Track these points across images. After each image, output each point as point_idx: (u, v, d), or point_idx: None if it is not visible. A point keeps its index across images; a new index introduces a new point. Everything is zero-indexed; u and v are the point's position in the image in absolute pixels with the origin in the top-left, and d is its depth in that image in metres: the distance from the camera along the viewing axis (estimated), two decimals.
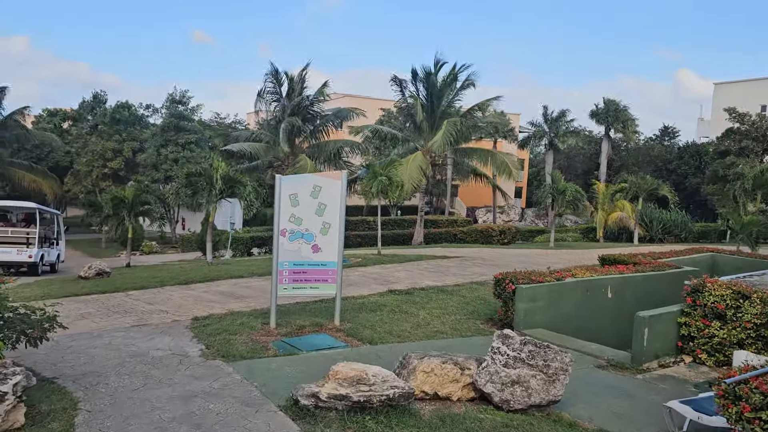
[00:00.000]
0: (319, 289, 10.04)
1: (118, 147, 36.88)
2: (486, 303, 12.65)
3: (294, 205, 9.73)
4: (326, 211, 9.86)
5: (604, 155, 47.11)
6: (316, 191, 9.81)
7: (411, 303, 12.19)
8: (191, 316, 10.47)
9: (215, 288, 13.38)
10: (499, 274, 11.13)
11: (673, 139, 61.89)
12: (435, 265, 18.13)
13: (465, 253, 21.82)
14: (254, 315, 10.54)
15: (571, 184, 26.90)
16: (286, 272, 9.79)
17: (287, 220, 9.70)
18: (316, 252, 9.88)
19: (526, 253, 22.17)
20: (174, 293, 12.72)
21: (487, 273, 16.76)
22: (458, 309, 11.94)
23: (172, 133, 35.23)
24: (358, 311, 11.19)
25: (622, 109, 46.52)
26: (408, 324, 10.48)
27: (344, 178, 9.94)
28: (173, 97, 36.46)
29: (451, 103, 27.79)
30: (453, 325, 10.71)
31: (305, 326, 9.83)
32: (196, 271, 16.02)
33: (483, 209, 51.91)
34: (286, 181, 9.82)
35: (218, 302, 11.81)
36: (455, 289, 13.92)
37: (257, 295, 12.65)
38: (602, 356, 9.45)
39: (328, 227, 9.90)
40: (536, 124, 47.06)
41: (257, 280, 14.59)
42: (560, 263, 19.15)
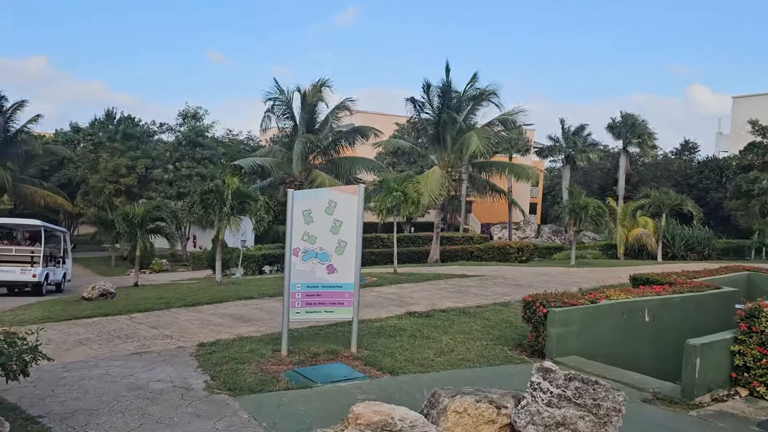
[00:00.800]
0: (334, 313, 9.27)
1: (132, 163, 36.51)
2: (512, 326, 11.81)
3: (308, 222, 9.00)
4: (342, 229, 9.12)
5: (622, 170, 46.12)
6: (331, 207, 9.08)
7: (432, 327, 11.37)
8: (197, 342, 9.73)
9: (223, 310, 12.64)
10: (529, 297, 10.30)
11: (692, 154, 60.82)
12: (454, 284, 17.30)
13: (484, 271, 20.96)
14: (264, 341, 9.77)
15: (593, 200, 26.01)
16: (299, 295, 9.04)
17: (300, 239, 8.97)
18: (331, 273, 9.13)
19: (547, 272, 21.26)
20: (180, 316, 11.99)
21: (510, 293, 15.95)
22: (483, 333, 11.10)
23: (188, 148, 34.81)
24: (376, 336, 10.40)
25: (640, 122, 45.59)
26: (430, 351, 9.66)
27: (361, 193, 9.20)
28: (187, 113, 36.11)
29: (470, 113, 27.02)
30: (479, 351, 9.87)
31: (319, 354, 9.04)
32: (204, 292, 15.31)
33: (498, 226, 51.00)
34: (300, 196, 9.10)
35: (226, 326, 11.06)
36: (478, 311, 13.08)
37: (268, 318, 11.89)
38: (647, 388, 8.56)
39: (345, 246, 9.15)
40: (554, 138, 46.19)
41: (268, 301, 13.84)
42: (586, 283, 18.27)
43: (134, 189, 36.58)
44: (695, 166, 55.28)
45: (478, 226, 57.03)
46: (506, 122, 26.75)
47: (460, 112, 26.56)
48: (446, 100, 26.48)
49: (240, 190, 17.01)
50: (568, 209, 25.81)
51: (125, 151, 37.31)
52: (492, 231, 50.47)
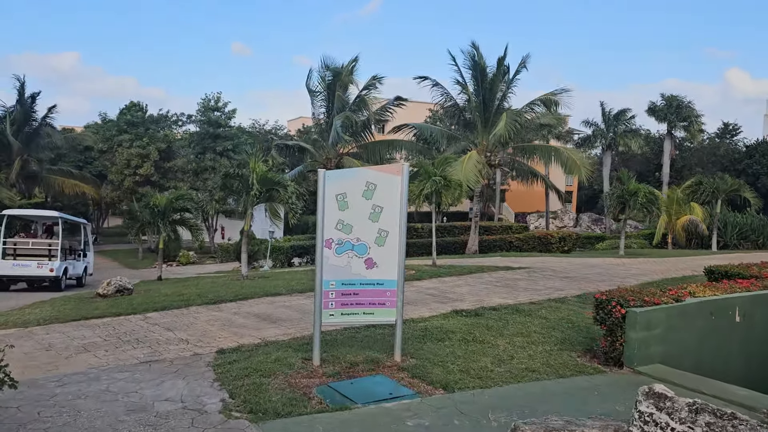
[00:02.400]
0: (374, 315, 7.88)
1: (144, 152, 35.57)
2: (575, 327, 10.29)
3: (342, 208, 7.61)
4: (383, 216, 7.71)
5: (667, 155, 43.77)
6: (369, 190, 7.67)
7: (484, 328, 9.91)
8: (216, 348, 8.44)
9: (248, 308, 11.37)
10: (603, 295, 8.76)
11: (734, 137, 57.85)
12: (499, 277, 15.80)
13: (529, 263, 19.37)
14: (293, 347, 8.44)
15: (643, 185, 24.13)
16: (333, 294, 7.67)
17: (333, 228, 7.59)
18: (370, 268, 7.74)
19: (597, 263, 19.58)
20: (199, 315, 10.75)
21: (564, 288, 14.41)
22: (544, 336, 9.61)
23: (209, 141, 33.76)
24: (421, 340, 8.99)
25: (685, 104, 43.11)
26: (487, 358, 8.21)
27: (406, 173, 7.77)
28: (207, 103, 34.96)
29: (506, 95, 25.22)
30: (544, 359, 8.39)
31: (357, 363, 7.67)
32: (228, 287, 14.08)
33: (534, 215, 49.13)
34: (333, 177, 7.70)
35: (250, 328, 9.77)
36: (532, 309, 11.57)
37: (297, 318, 10.57)
38: (759, 407, 6.98)
39: (386, 236, 7.75)
40: (593, 123, 44.01)
41: (297, 298, 12.54)
42: (644, 275, 16.61)
43: (153, 178, 35.64)
44: (742, 150, 52.52)
45: (511, 216, 55.17)
46: (548, 103, 24.90)
47: (494, 91, 24.78)
48: (480, 77, 24.70)
49: (267, 176, 15.71)
50: (616, 196, 23.99)
51: (134, 140, 36.37)
52: (528, 220, 48.59)
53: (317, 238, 7.62)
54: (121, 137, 37.19)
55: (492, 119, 24.79)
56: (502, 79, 24.75)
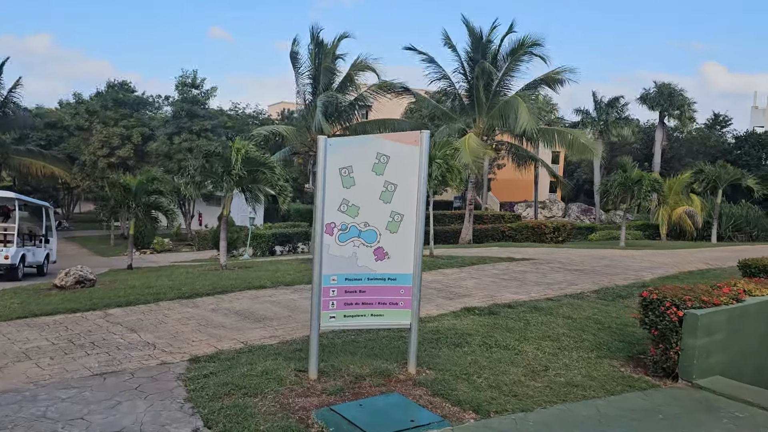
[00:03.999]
0: (384, 317, 6.42)
1: (126, 133, 33.52)
2: (606, 329, 8.96)
3: (347, 185, 6.13)
4: (397, 195, 6.25)
5: (658, 144, 42.87)
6: (381, 163, 6.20)
7: (504, 330, 8.53)
8: (189, 355, 6.93)
9: (228, 304, 9.84)
10: (653, 293, 7.37)
11: (725, 128, 57.30)
12: (504, 269, 14.45)
13: (531, 253, 18.07)
14: (284, 353, 6.96)
15: (647, 173, 22.93)
16: (335, 291, 6.21)
17: (336, 209, 6.11)
18: (380, 259, 6.28)
19: (605, 255, 18.35)
20: (171, 312, 9.20)
21: (577, 281, 13.12)
22: (574, 340, 8.25)
23: (185, 120, 31.85)
24: (435, 345, 7.58)
25: (678, 92, 42.16)
26: (517, 369, 6.82)
27: (426, 143, 6.30)
28: (184, 80, 32.94)
29: (507, 74, 23.68)
30: (583, 370, 7.02)
31: (364, 377, 6.22)
32: (205, 279, 12.52)
33: (522, 204, 48.03)
34: (336, 146, 6.19)
35: (231, 328, 8.27)
36: (552, 307, 10.22)
37: (285, 315, 9.09)
38: None
39: (400, 220, 6.29)
40: (584, 111, 42.84)
41: (284, 291, 11.04)
42: (660, 269, 15.41)
43: (130, 162, 33.60)
44: (731, 141, 51.92)
45: (496, 205, 54.05)
46: (551, 82, 23.45)
47: (495, 69, 23.28)
48: (478, 55, 23.16)
49: (251, 156, 14.12)
50: (618, 183, 22.76)
51: (118, 119, 34.25)
52: (515, 210, 47.47)
53: (315, 221, 6.14)
54: (106, 113, 35.02)
55: (491, 99, 23.33)
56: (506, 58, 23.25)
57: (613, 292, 11.98)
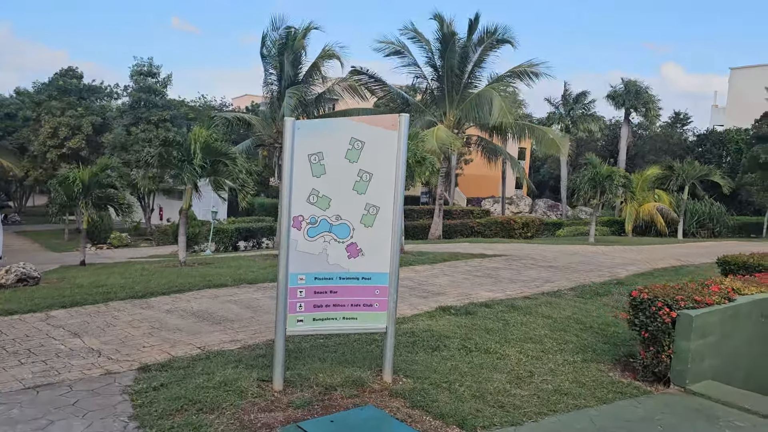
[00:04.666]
0: (357, 320, 5.81)
1: (76, 123, 31.94)
2: (588, 329, 8.53)
3: (317, 173, 5.49)
4: (373, 186, 5.64)
5: (624, 141, 43.16)
6: (355, 150, 5.57)
7: (482, 331, 8.00)
8: (137, 363, 6.20)
9: (185, 304, 9.08)
10: (643, 292, 6.92)
11: (685, 125, 58.28)
12: (477, 266, 13.98)
13: (503, 249, 17.68)
14: (245, 360, 6.28)
15: (617, 169, 22.82)
16: (302, 292, 5.56)
17: (305, 200, 5.46)
18: (354, 256, 5.66)
19: (577, 251, 18.08)
20: (121, 314, 8.40)
21: (552, 278, 12.72)
22: (557, 342, 7.77)
23: (143, 110, 30.55)
24: (411, 349, 7.00)
25: (643, 90, 42.51)
26: (501, 375, 6.29)
27: (405, 127, 5.69)
28: (140, 68, 31.55)
29: (477, 65, 23.22)
30: (570, 375, 6.53)
31: (334, 387, 5.60)
32: (162, 276, 11.69)
33: (489, 200, 47.90)
34: (305, 129, 5.53)
35: (187, 332, 7.53)
36: (530, 306, 9.75)
37: (247, 316, 8.39)
38: None
39: (376, 213, 5.69)
40: (554, 104, 42.82)
41: (247, 290, 10.31)
42: (634, 265, 15.17)
43: (83, 153, 32.07)
44: (693, 139, 52.76)
45: (463, 200, 53.88)
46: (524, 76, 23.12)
47: (466, 62, 22.82)
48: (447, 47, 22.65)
49: (212, 145, 13.30)
50: (588, 179, 22.59)
51: (65, 109, 32.63)
52: (483, 205, 47.32)
53: (281, 214, 5.48)
54: (51, 103, 33.36)
55: (462, 92, 22.85)
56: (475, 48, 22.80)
57: (590, 289, 11.62)
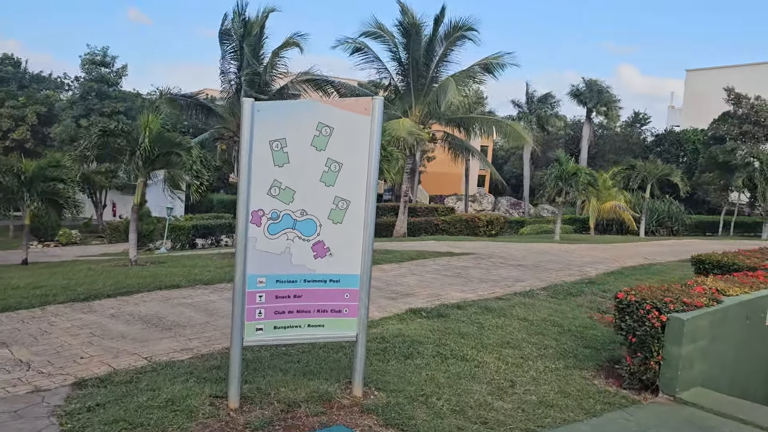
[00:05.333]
0: (324, 328, 5.18)
1: (18, 113, 30.31)
2: (567, 332, 8.09)
3: (279, 162, 4.85)
4: (342, 177, 5.03)
5: (585, 140, 43.56)
6: (323, 136, 4.95)
7: (457, 335, 7.48)
8: (72, 378, 5.45)
9: (132, 308, 8.29)
10: (629, 294, 6.47)
11: (644, 125, 59.37)
12: (446, 265, 13.49)
13: (470, 248, 17.26)
14: (196, 373, 5.59)
15: (582, 167, 22.74)
16: (262, 296, 4.91)
17: (266, 193, 4.82)
18: (321, 256, 5.04)
19: (545, 249, 17.79)
20: (59, 320, 7.58)
21: (523, 278, 12.33)
22: (537, 347, 7.30)
23: (95, 101, 29.15)
24: (382, 357, 6.42)
25: (605, 89, 42.93)
26: (481, 386, 5.76)
27: (378, 111, 5.09)
28: (92, 57, 30.12)
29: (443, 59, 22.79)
30: (554, 384, 6.05)
31: (299, 403, 4.98)
32: (109, 276, 10.82)
33: (452, 197, 47.75)
34: (267, 112, 4.86)
35: (132, 339, 6.78)
36: (504, 307, 9.29)
37: (201, 321, 7.67)
38: None
39: (346, 208, 5.08)
40: (518, 104, 42.86)
41: (202, 292, 9.56)
42: (603, 264, 14.93)
43: (28, 145, 30.44)
44: (651, 139, 53.71)
45: (426, 198, 53.63)
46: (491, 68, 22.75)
47: (432, 56, 22.38)
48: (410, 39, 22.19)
49: (164, 135, 12.45)
50: (554, 176, 22.41)
51: (4, 99, 30.96)
52: (446, 203, 47.11)
53: (239, 207, 4.82)
54: None
55: (428, 86, 22.39)
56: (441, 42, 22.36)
57: (563, 289, 11.25)
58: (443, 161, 46.80)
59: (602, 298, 10.91)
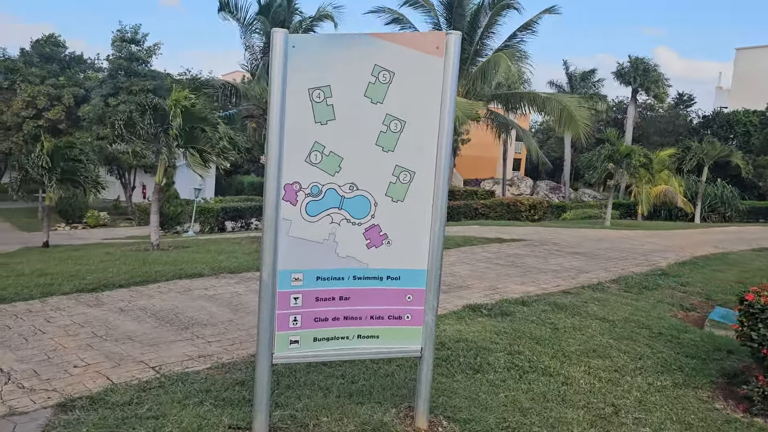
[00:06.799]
0: (379, 340, 3.92)
1: (56, 93, 29.68)
2: (656, 336, 6.73)
3: (322, 118, 3.56)
4: (405, 139, 3.73)
5: (630, 121, 41.33)
6: (380, 83, 3.65)
7: (530, 340, 6.17)
8: (58, 396, 4.31)
9: (145, 300, 7.16)
10: (762, 295, 5.08)
11: (689, 107, 56.62)
12: (497, 252, 12.16)
13: (518, 233, 15.88)
14: (214, 389, 4.40)
15: (637, 147, 21.00)
16: (299, 299, 3.67)
17: (303, 160, 3.55)
18: (375, 245, 3.77)
19: (600, 236, 16.29)
20: (58, 315, 6.48)
21: (586, 268, 10.95)
22: (630, 356, 5.95)
23: (123, 80, 28.31)
24: (446, 369, 5.16)
25: (652, 68, 40.60)
26: (577, 413, 4.47)
27: (455, 51, 3.76)
28: (123, 35, 29.25)
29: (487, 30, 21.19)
30: (667, 409, 4.72)
31: None
32: (125, 263, 9.75)
33: (489, 181, 46.09)
34: (304, 49, 3.56)
35: (140, 341, 5.64)
36: (575, 304, 7.93)
37: (225, 318, 6.50)
38: None
39: (410, 180, 3.79)
40: (557, 84, 40.88)
41: (227, 281, 8.41)
42: (668, 252, 13.46)
43: (61, 126, 29.83)
44: (698, 120, 51.12)
45: (460, 182, 52.03)
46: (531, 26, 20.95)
47: (475, 27, 20.82)
48: (454, 12, 20.68)
49: (192, 109, 11.32)
50: (605, 156, 20.74)
51: (45, 77, 30.34)
52: (482, 187, 45.48)
53: (267, 180, 3.56)
54: (30, 70, 30.97)
55: (469, 62, 20.90)
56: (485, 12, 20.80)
57: (635, 282, 9.84)
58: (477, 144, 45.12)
59: (682, 292, 9.48)
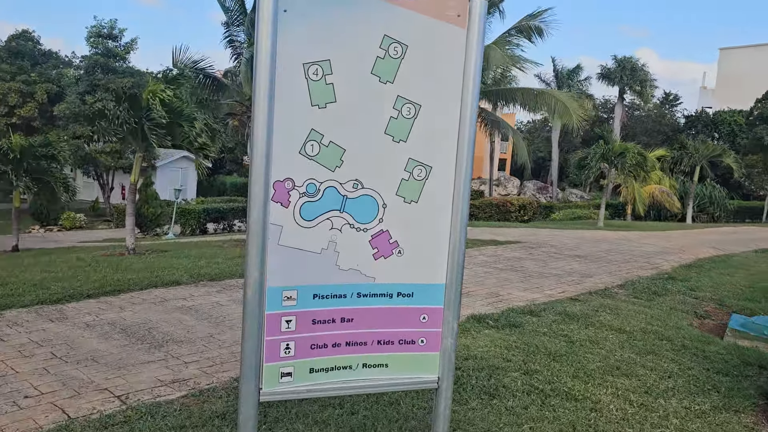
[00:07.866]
0: (389, 369, 3.25)
1: (28, 89, 28.68)
2: (679, 349, 6.16)
3: (320, 100, 2.88)
4: (420, 125, 3.06)
5: (618, 120, 41.17)
6: (390, 58, 2.97)
7: (545, 356, 5.55)
8: None
9: (115, 313, 6.43)
10: None
11: (674, 106, 56.84)
12: (495, 256, 11.57)
13: (514, 235, 15.33)
14: (190, 423, 3.70)
15: (631, 145, 20.56)
16: (292, 322, 2.98)
17: (297, 151, 2.87)
18: (384, 255, 3.10)
19: (598, 238, 15.79)
20: (15, 331, 5.74)
21: (588, 272, 10.41)
22: (657, 374, 5.36)
23: (100, 76, 27.39)
24: (458, 394, 4.51)
25: (639, 67, 40.45)
26: None
27: (481, 21, 3.10)
28: (99, 30, 28.33)
29: None
30: None
31: None
32: (95, 269, 8.98)
33: (477, 181, 45.66)
34: (298, 13, 2.90)
35: (106, 363, 4.92)
36: (587, 313, 7.35)
37: (204, 333, 5.79)
38: None
39: (425, 176, 3.11)
40: (544, 80, 40.55)
41: (207, 290, 7.69)
42: (669, 255, 12.99)
43: (35, 123, 28.83)
44: (683, 120, 51.26)
45: None
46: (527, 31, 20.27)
47: None
48: None
49: (166, 102, 10.59)
50: (599, 155, 20.29)
51: (16, 73, 29.33)
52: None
53: (252, 177, 2.86)
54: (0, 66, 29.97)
55: None
56: None
57: (642, 287, 9.31)
58: None
59: (694, 298, 8.95)
